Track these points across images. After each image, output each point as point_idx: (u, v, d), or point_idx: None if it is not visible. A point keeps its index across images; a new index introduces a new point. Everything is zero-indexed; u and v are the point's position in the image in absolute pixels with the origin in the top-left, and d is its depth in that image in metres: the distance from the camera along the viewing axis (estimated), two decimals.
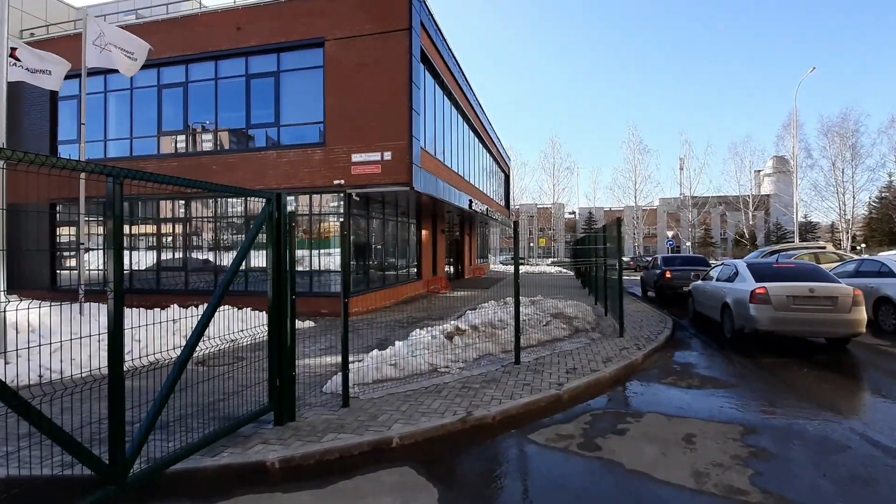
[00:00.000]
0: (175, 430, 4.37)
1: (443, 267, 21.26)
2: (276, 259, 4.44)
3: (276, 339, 4.44)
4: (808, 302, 7.38)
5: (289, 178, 12.17)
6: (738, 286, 8.34)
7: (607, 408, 5.12)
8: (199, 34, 12.96)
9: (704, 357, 7.47)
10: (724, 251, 56.58)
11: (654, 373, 6.49)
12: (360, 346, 8.00)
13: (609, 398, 5.49)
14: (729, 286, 8.75)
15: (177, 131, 13.47)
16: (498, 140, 30.17)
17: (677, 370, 6.64)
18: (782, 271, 8.27)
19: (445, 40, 15.09)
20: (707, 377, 6.25)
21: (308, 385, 5.76)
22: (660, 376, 6.31)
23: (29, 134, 14.58)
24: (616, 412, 4.96)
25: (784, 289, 7.53)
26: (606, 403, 5.28)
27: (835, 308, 7.32)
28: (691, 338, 9.05)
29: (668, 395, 5.48)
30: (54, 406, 4.09)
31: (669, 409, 4.98)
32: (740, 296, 8.06)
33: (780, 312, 7.42)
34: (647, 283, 16.70)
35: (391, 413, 4.73)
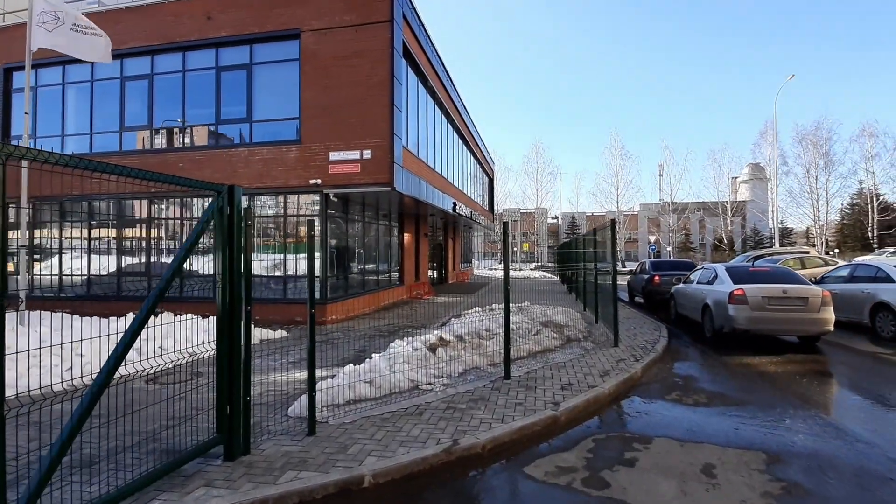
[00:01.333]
0: (103, 468, 3.64)
1: (426, 272, 20.60)
2: (228, 262, 3.75)
3: (227, 357, 3.74)
4: (782, 302, 7.88)
5: (261, 176, 11.40)
6: (718, 288, 8.76)
7: (610, 431, 4.54)
8: (165, 23, 12.12)
9: (706, 368, 6.98)
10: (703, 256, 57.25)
11: (657, 387, 5.96)
12: (336, 358, 7.31)
13: (611, 418, 4.92)
14: (709, 288, 9.16)
15: (141, 126, 12.56)
16: (482, 143, 29.74)
17: (680, 384, 6.12)
18: (758, 274, 8.74)
19: (429, 36, 14.54)
20: (714, 392, 5.74)
21: (271, 407, 5.05)
22: (663, 391, 5.78)
23: None
24: (621, 436, 4.39)
25: (760, 290, 7.97)
26: (609, 425, 4.71)
27: (806, 308, 7.83)
28: (688, 346, 8.59)
29: (675, 415, 4.93)
30: None
31: (680, 432, 4.43)
32: (719, 297, 8.49)
33: (756, 312, 7.87)
34: (635, 288, 16.34)
35: (364, 442, 4.07)
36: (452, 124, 19.82)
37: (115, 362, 2.86)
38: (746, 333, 8.17)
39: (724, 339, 8.78)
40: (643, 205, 61.79)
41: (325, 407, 4.90)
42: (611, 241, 8.31)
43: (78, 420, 2.64)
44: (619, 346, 7.85)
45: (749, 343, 8.62)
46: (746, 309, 7.91)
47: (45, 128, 13.33)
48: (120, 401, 4.91)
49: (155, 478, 3.31)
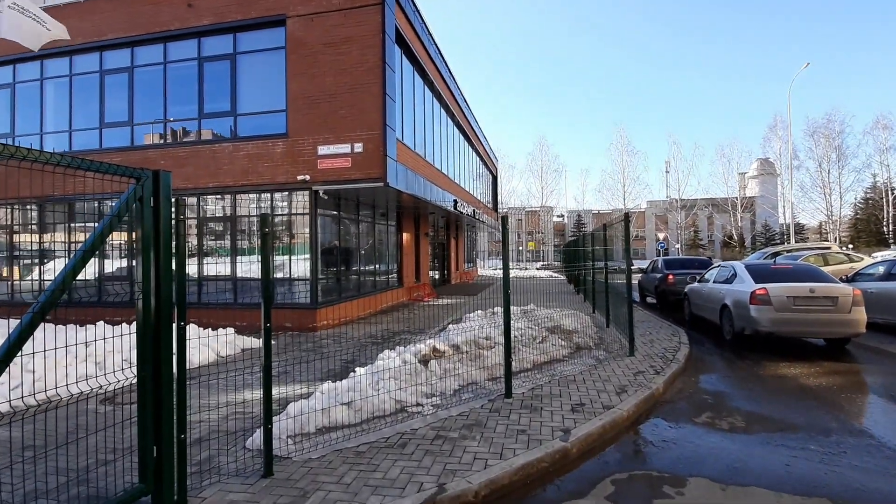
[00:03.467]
0: None
1: (427, 272, 19.82)
2: (153, 267, 2.99)
3: (152, 386, 2.98)
4: (809, 302, 7.33)
5: (246, 173, 10.67)
6: (737, 287, 8.22)
7: (634, 468, 3.73)
8: (145, 12, 11.43)
9: (737, 382, 6.14)
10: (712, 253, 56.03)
11: (683, 407, 5.14)
12: (320, 371, 6.56)
13: (632, 449, 4.11)
14: (727, 288, 8.61)
15: (121, 123, 11.88)
16: (485, 140, 28.91)
17: (710, 402, 5.29)
18: (781, 272, 8.22)
19: (426, 24, 13.75)
20: (752, 413, 4.91)
21: (230, 436, 4.30)
22: (691, 412, 4.95)
23: None
24: (647, 476, 3.58)
25: (784, 289, 7.45)
26: (631, 459, 3.90)
27: (835, 308, 7.25)
28: (711, 353, 7.75)
29: (710, 445, 4.11)
30: None
31: (719, 470, 3.61)
32: (740, 297, 7.94)
33: (780, 313, 7.34)
34: (647, 287, 15.47)
35: (330, 488, 3.29)
36: (453, 119, 19.03)
37: None
38: (769, 336, 7.58)
39: (747, 343, 8.16)
40: (651, 202, 60.66)
41: (292, 437, 4.13)
42: (624, 237, 7.48)
43: None
44: (635, 355, 7.03)
45: (773, 347, 7.85)
46: (770, 310, 7.34)
47: (23, 126, 12.69)
48: (68, 424, 4.21)
49: None
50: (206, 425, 4.55)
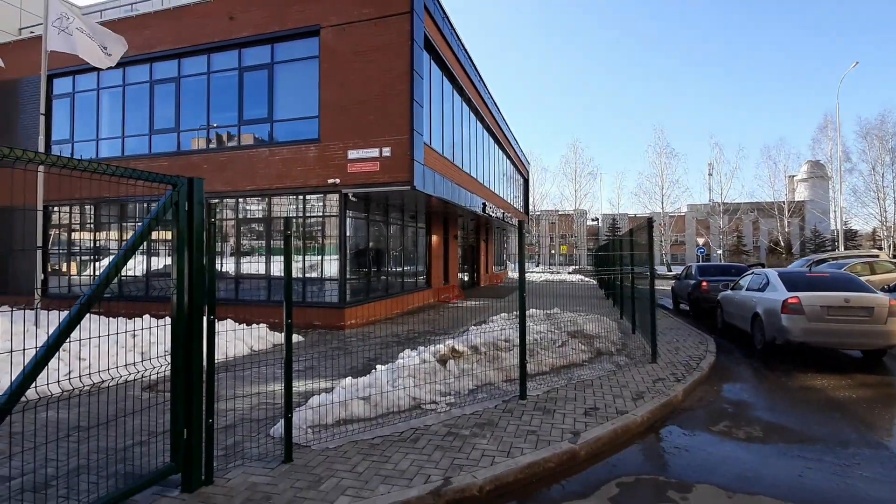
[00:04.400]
0: (52, 494, 3.25)
1: (455, 274, 19.99)
2: (186, 265, 3.29)
3: (184, 374, 3.27)
4: (843, 312, 7.09)
5: (281, 177, 11.17)
6: (769, 296, 8.01)
7: (640, 472, 3.76)
8: (191, 26, 12.16)
9: (762, 392, 5.99)
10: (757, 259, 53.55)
11: (700, 415, 5.07)
12: (344, 367, 6.83)
13: (642, 455, 4.12)
14: (759, 296, 8.40)
15: (168, 129, 12.66)
16: (516, 143, 28.84)
17: (730, 411, 5.19)
18: (815, 280, 8.02)
19: (455, 30, 13.95)
20: (772, 424, 4.80)
21: (256, 423, 4.59)
22: (708, 421, 4.89)
23: (22, 132, 14.04)
24: (654, 480, 3.60)
25: (818, 298, 7.24)
26: (639, 465, 3.92)
27: (871, 319, 7.00)
28: (739, 363, 7.54)
29: (723, 453, 4.07)
30: None
31: (729, 479, 3.59)
32: (771, 306, 7.74)
33: (813, 323, 7.12)
34: (680, 294, 15.05)
35: (343, 476, 3.50)
36: (482, 122, 19.14)
37: (23, 384, 2.40)
38: (802, 346, 7.39)
39: (778, 354, 7.92)
40: (691, 205, 58.63)
41: (312, 427, 4.38)
42: (648, 241, 7.40)
43: None
44: (657, 362, 6.94)
45: (807, 358, 7.57)
46: (802, 319, 7.14)
47: (81, 132, 13.72)
48: (112, 407, 4.63)
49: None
50: (235, 414, 4.87)
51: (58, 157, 2.59)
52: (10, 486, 3.35)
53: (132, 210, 13.21)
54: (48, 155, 2.55)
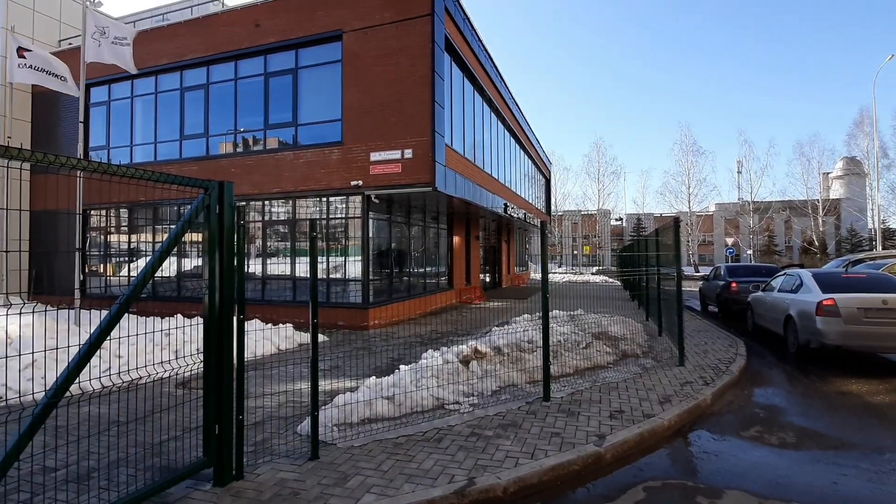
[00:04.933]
0: (94, 485, 3.40)
1: (477, 275, 19.97)
2: (217, 266, 3.39)
3: (215, 371, 3.38)
4: (882, 314, 6.80)
5: (305, 179, 11.39)
6: (803, 297, 7.76)
7: (668, 476, 3.69)
8: (219, 34, 12.52)
9: (795, 397, 5.79)
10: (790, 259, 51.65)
11: (730, 420, 4.94)
12: (368, 367, 6.91)
13: (670, 459, 4.04)
14: (792, 297, 8.16)
15: (198, 135, 13.06)
16: (538, 143, 28.63)
17: (761, 416, 5.04)
18: (852, 281, 7.76)
19: (475, 31, 13.95)
20: (805, 430, 4.65)
21: (284, 421, 4.70)
22: (738, 426, 4.76)
23: (62, 139, 14.71)
24: (682, 485, 3.54)
25: (854, 300, 6.97)
26: (667, 469, 3.85)
27: None
28: (771, 367, 7.31)
29: (754, 459, 3.96)
30: None
31: (761, 485, 3.49)
32: (805, 308, 7.49)
33: (849, 326, 6.85)
34: (708, 295, 14.68)
35: (368, 474, 3.55)
36: (504, 123, 19.08)
37: (68, 379, 2.53)
38: (838, 350, 7.12)
39: (813, 358, 7.66)
40: (719, 204, 57.05)
41: (337, 426, 4.45)
42: (675, 242, 7.25)
43: (16, 444, 2.32)
44: (685, 365, 6.79)
45: (843, 362, 7.28)
46: (838, 322, 6.88)
47: (117, 139, 14.28)
48: (145, 405, 4.83)
49: (136, 502, 2.99)
50: (263, 411, 4.99)
51: (99, 164, 2.71)
52: (55, 477, 3.52)
53: (164, 213, 13.67)
54: (90, 161, 2.67)
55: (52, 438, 4.17)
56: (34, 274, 14.10)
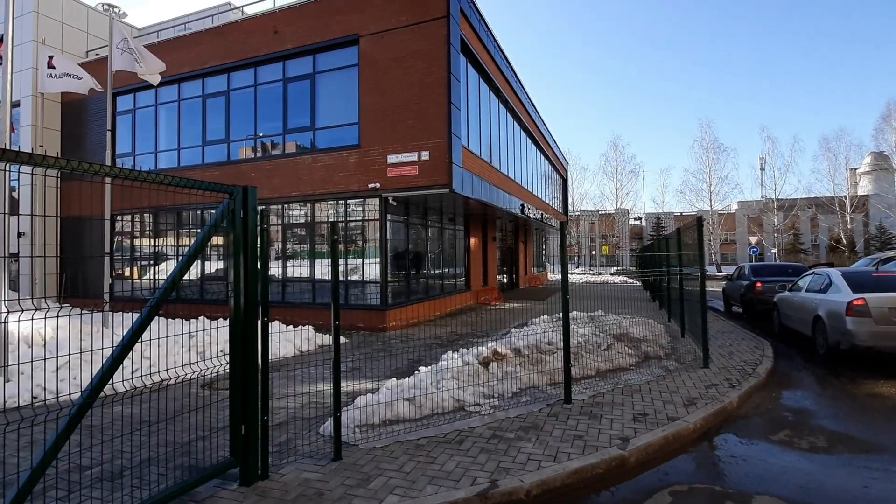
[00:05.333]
0: (126, 482, 3.50)
1: (494, 276, 19.91)
2: (242, 269, 3.46)
3: (241, 373, 3.44)
4: None
5: (324, 182, 11.52)
6: (832, 297, 7.54)
7: (695, 481, 3.62)
8: (239, 41, 12.77)
9: (825, 399, 5.63)
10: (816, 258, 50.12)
11: (758, 423, 4.82)
12: (387, 369, 6.96)
13: (696, 463, 3.96)
14: (821, 297, 7.94)
15: (219, 140, 13.33)
16: (554, 143, 28.44)
17: (790, 420, 4.91)
18: (883, 280, 7.52)
19: (491, 32, 13.94)
20: (836, 433, 4.51)
21: (306, 422, 4.76)
22: (767, 429, 4.64)
23: (90, 147, 15.18)
24: (709, 490, 3.46)
25: (886, 300, 6.78)
26: (693, 473, 3.77)
27: None
28: (799, 369, 7.11)
29: (784, 464, 3.86)
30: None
31: (791, 490, 3.40)
32: (835, 308, 7.29)
33: (881, 326, 6.66)
34: (731, 296, 14.35)
35: (390, 475, 3.57)
36: (520, 123, 19.00)
37: (101, 381, 2.61)
38: (869, 351, 6.92)
39: (843, 359, 7.43)
40: (742, 202, 55.72)
41: (359, 427, 4.49)
42: (698, 241, 7.12)
43: (54, 443, 2.41)
44: (709, 367, 6.65)
45: (874, 363, 7.05)
46: (869, 322, 6.70)
47: (142, 146, 14.68)
48: (173, 405, 4.95)
49: (163, 501, 3.06)
50: (286, 412, 5.07)
51: (131, 171, 2.79)
52: (91, 475, 3.63)
53: (187, 217, 13.99)
54: (121, 168, 2.76)
55: (86, 438, 4.30)
56: (65, 278, 14.58)
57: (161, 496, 3.04)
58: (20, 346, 7.12)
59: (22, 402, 5.56)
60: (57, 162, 2.38)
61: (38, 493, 3.35)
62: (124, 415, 4.85)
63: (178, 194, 3.41)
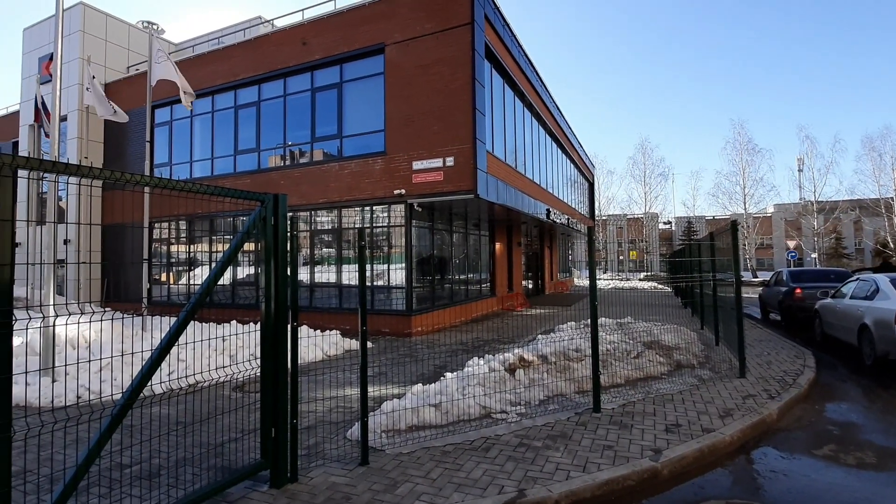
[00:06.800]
0: (162, 482, 3.62)
1: (520, 282, 19.74)
2: (272, 275, 3.54)
3: (271, 377, 3.51)
4: None
5: (350, 189, 11.71)
6: (880, 305, 7.17)
7: (732, 496, 3.47)
8: (269, 53, 13.16)
9: (873, 413, 5.32)
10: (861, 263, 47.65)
11: (800, 437, 4.60)
12: (413, 374, 6.98)
13: (733, 477, 3.81)
14: (868, 305, 7.54)
15: (250, 149, 13.74)
16: (580, 146, 28.09)
17: (835, 434, 4.66)
18: None
19: (515, 36, 13.92)
20: (887, 448, 4.25)
21: (334, 426, 4.81)
22: (810, 444, 4.42)
23: (130, 158, 15.88)
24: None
25: None
26: (730, 487, 3.63)
27: None
28: (844, 380, 6.76)
29: (828, 479, 3.66)
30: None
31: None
32: (883, 316, 6.91)
33: None
34: (769, 302, 13.78)
35: (417, 481, 3.56)
36: (545, 127, 18.86)
37: (141, 382, 2.71)
38: None
39: (892, 370, 7.03)
40: (778, 205, 53.63)
41: (385, 432, 4.51)
42: (733, 246, 6.88)
43: (97, 441, 2.51)
44: (746, 377, 6.39)
45: None
46: None
47: (178, 156, 15.26)
48: (206, 407, 5.10)
49: (198, 500, 3.14)
50: (313, 416, 5.14)
51: (170, 180, 2.91)
52: (131, 472, 3.77)
53: (219, 224, 14.44)
54: (160, 178, 2.87)
55: (125, 437, 4.46)
56: (107, 282, 15.26)
57: (195, 496, 3.12)
58: (66, 349, 7.47)
59: (67, 402, 5.83)
60: (102, 173, 2.50)
61: (81, 489, 3.49)
62: (161, 415, 5.01)
63: (211, 202, 3.53)
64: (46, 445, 3.83)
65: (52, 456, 3.76)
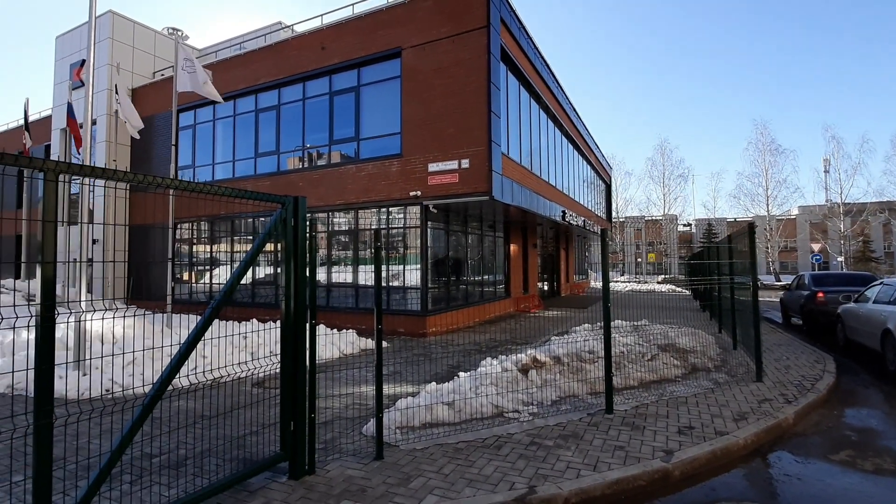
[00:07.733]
0: (188, 471, 3.78)
1: (535, 284, 19.71)
2: (292, 275, 3.68)
3: (291, 373, 3.65)
4: None
5: (367, 191, 11.89)
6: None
7: (744, 499, 3.48)
8: (289, 58, 13.45)
9: (894, 418, 5.22)
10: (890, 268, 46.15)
11: (816, 442, 4.55)
12: (427, 373, 7.08)
13: (746, 480, 3.80)
14: (891, 309, 7.45)
15: (270, 152, 14.05)
16: (597, 147, 27.88)
17: (853, 439, 4.60)
18: None
19: (531, 39, 13.95)
20: None
21: (349, 422, 4.94)
22: (826, 448, 4.38)
23: (155, 161, 16.38)
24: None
25: None
26: (743, 490, 3.63)
27: None
28: (866, 386, 6.62)
29: (844, 485, 3.64)
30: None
31: None
32: None
33: None
34: (790, 306, 13.50)
35: (430, 476, 3.66)
36: (561, 129, 18.80)
37: (170, 375, 2.86)
38: None
39: None
40: (803, 207, 52.31)
41: (399, 428, 4.62)
42: (749, 248, 6.81)
43: (129, 431, 2.66)
44: (763, 381, 6.32)
45: None
46: None
47: (201, 158, 15.69)
48: (228, 401, 5.28)
49: (219, 489, 3.29)
50: (330, 412, 5.28)
51: (197, 183, 3.06)
52: (159, 461, 3.95)
53: (239, 225, 14.79)
54: (182, 181, 3.02)
55: (152, 428, 4.66)
56: (132, 281, 15.77)
57: (218, 485, 3.27)
58: (94, 343, 7.78)
59: (95, 395, 6.09)
60: (127, 175, 2.64)
61: (114, 475, 3.67)
62: (188, 409, 5.21)
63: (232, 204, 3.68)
64: (78, 434, 4.04)
65: (87, 444, 3.96)
